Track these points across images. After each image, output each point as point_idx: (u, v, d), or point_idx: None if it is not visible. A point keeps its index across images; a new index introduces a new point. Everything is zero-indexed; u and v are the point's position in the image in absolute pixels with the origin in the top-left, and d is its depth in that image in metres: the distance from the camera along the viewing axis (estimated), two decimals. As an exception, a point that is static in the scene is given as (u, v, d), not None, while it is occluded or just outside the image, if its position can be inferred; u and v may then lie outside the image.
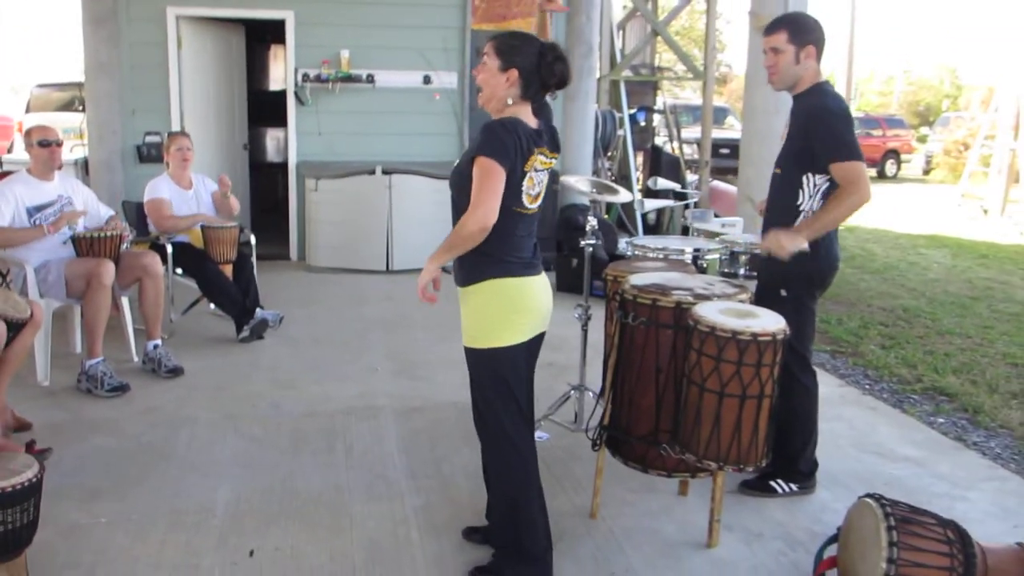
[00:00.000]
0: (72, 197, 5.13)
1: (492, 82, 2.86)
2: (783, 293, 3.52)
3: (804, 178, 3.43)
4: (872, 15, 67.37)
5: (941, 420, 4.90)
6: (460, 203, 2.85)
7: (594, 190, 4.26)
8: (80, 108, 13.52)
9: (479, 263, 2.86)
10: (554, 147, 2.98)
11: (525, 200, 2.86)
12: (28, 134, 4.99)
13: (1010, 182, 14.61)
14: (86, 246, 4.97)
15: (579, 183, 4.29)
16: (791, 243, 3.28)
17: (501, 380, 2.92)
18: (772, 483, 3.72)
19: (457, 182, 2.89)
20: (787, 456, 3.65)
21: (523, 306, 2.90)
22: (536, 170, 2.87)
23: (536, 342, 3.00)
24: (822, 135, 3.34)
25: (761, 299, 3.48)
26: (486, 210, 2.72)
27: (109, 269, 4.80)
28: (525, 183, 2.83)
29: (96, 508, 3.48)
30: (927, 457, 4.27)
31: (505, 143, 2.76)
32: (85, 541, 3.23)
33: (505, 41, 2.88)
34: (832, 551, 3.07)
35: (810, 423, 3.71)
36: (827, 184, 3.42)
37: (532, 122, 2.90)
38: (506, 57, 2.84)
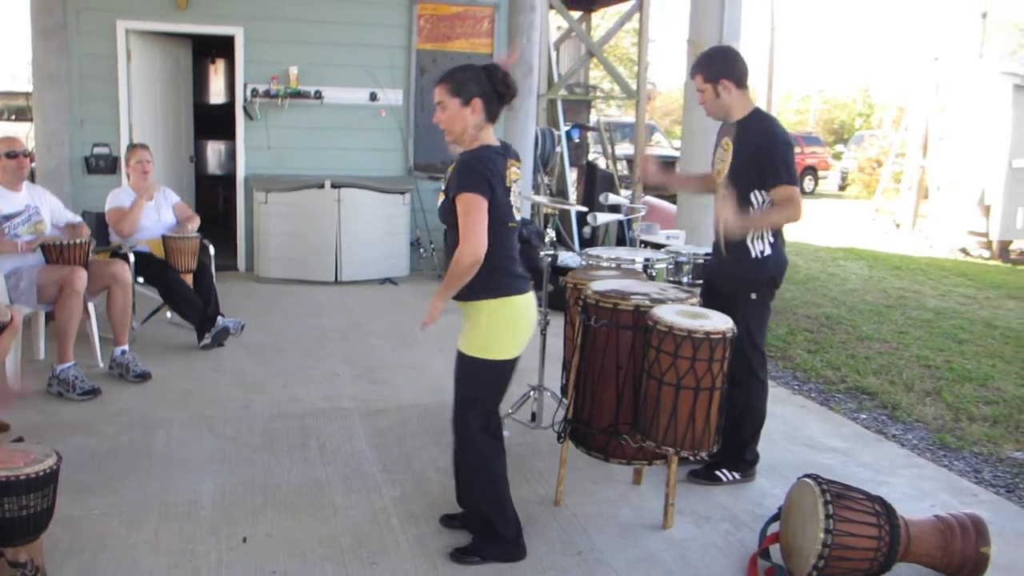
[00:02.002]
0: (39, 207, 5.28)
1: (459, 119, 3.10)
2: (753, 297, 3.90)
3: (752, 195, 3.81)
4: (789, 36, 69.45)
5: (864, 416, 5.35)
6: (451, 237, 3.12)
7: (548, 203, 4.59)
8: (11, 117, 13.42)
9: (493, 279, 3.11)
10: (516, 157, 3.27)
11: (515, 214, 3.18)
12: (-6, 146, 5.12)
13: (920, 198, 15.40)
14: (55, 253, 5.11)
15: (536, 197, 4.61)
16: (739, 227, 3.73)
17: (497, 389, 3.23)
18: (717, 472, 4.09)
19: (445, 219, 3.15)
20: (735, 446, 4.02)
21: (528, 322, 3.23)
22: (514, 182, 3.18)
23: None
24: (771, 159, 3.73)
25: (727, 303, 3.82)
26: (476, 242, 2.97)
27: (82, 276, 4.96)
28: (512, 198, 3.14)
29: (88, 501, 3.67)
30: (852, 448, 4.70)
31: (480, 173, 3.03)
32: (83, 531, 3.43)
33: (454, 78, 3.12)
34: (775, 528, 3.44)
35: (761, 416, 4.10)
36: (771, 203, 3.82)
37: (494, 141, 3.19)
38: (464, 91, 3.09)
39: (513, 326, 3.19)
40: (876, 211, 17.11)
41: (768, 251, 3.87)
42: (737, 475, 4.09)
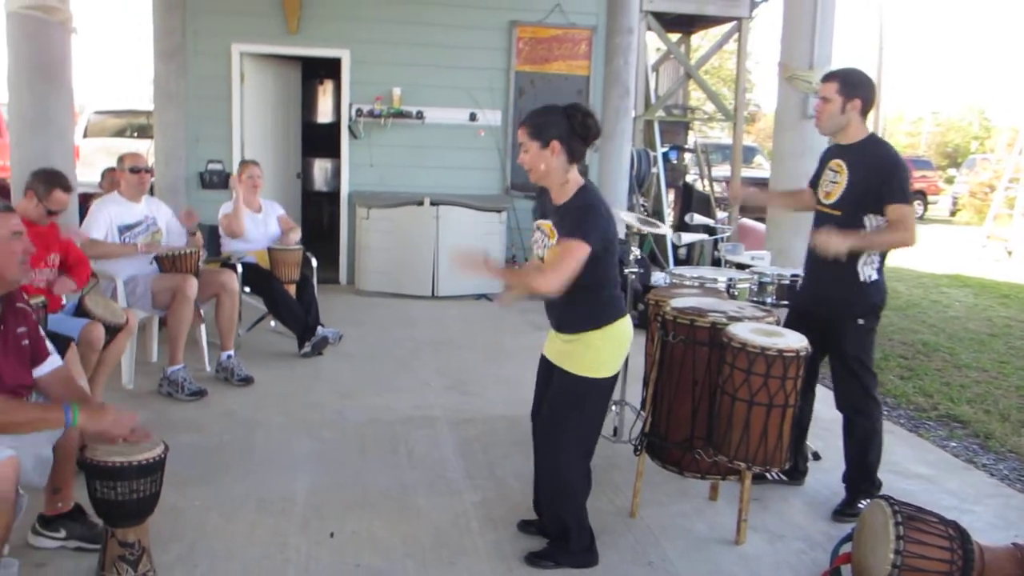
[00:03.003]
0: (156, 217, 5.64)
1: (541, 161, 3.20)
2: (860, 322, 3.93)
3: (866, 219, 3.83)
4: (900, 56, 67.79)
5: (953, 444, 5.27)
6: None
7: (638, 224, 4.70)
8: (133, 135, 14.17)
9: (609, 309, 3.31)
10: None
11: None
12: (121, 160, 5.51)
13: (1034, 225, 14.90)
14: (169, 263, 5.46)
15: (627, 217, 4.73)
16: (839, 244, 3.66)
17: (601, 406, 3.39)
18: (860, 505, 4.01)
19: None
20: (867, 470, 4.07)
21: (627, 341, 3.40)
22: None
23: None
24: (890, 180, 3.75)
25: (830, 328, 3.94)
26: (560, 281, 3.06)
27: (193, 284, 5.29)
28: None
29: (190, 493, 3.93)
30: (938, 475, 4.65)
31: (597, 224, 3.16)
32: (184, 520, 3.68)
33: (534, 122, 3.22)
34: (847, 548, 3.46)
35: (881, 436, 4.11)
36: (886, 224, 3.82)
37: (580, 180, 3.29)
38: (542, 134, 3.18)
39: (621, 345, 3.37)
40: (987, 237, 16.58)
41: (875, 277, 3.90)
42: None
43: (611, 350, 3.33)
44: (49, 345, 3.25)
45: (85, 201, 6.17)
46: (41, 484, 3.20)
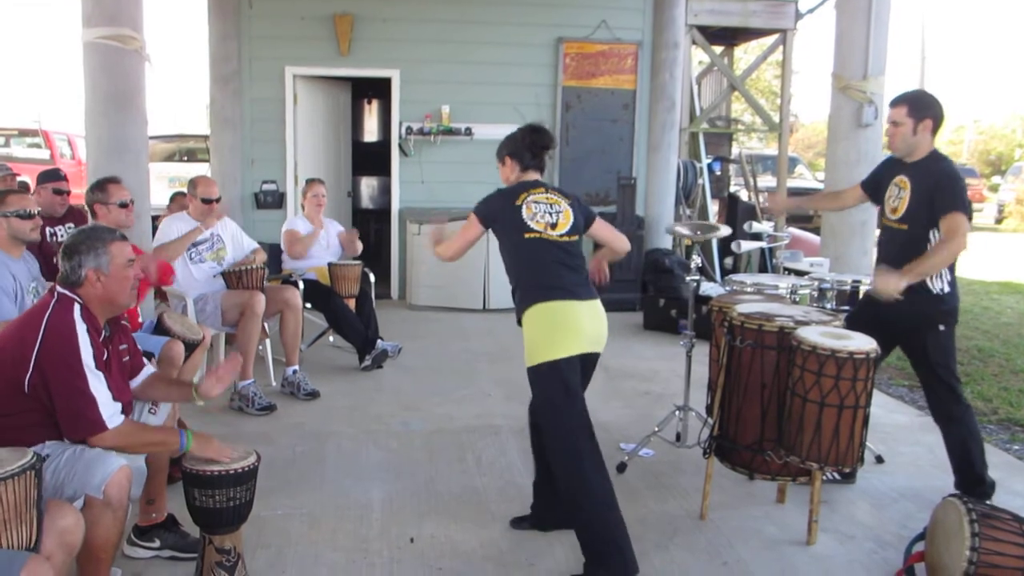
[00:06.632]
0: (222, 234, 5.82)
1: (503, 175, 3.81)
2: (941, 328, 4.02)
3: (931, 233, 3.90)
4: (941, 65, 67.20)
5: (1016, 447, 5.28)
6: None
7: (698, 231, 4.79)
8: (183, 159, 14.49)
9: (526, 295, 3.58)
10: (547, 187, 3.71)
11: (533, 225, 3.54)
12: (192, 185, 5.69)
13: (1084, 230, 14.71)
14: (235, 279, 5.62)
15: (680, 229, 4.82)
16: (896, 283, 3.71)
17: (555, 390, 3.55)
18: None
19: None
20: (976, 475, 4.11)
21: (566, 322, 3.51)
22: (536, 202, 3.59)
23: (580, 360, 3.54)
24: (947, 191, 3.85)
25: (907, 340, 4.08)
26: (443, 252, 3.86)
27: (261, 300, 5.44)
28: (524, 213, 3.55)
29: (271, 502, 4.04)
30: (1003, 477, 4.64)
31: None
32: (269, 528, 3.80)
33: (499, 145, 3.84)
34: (920, 547, 3.50)
35: (980, 438, 4.16)
36: (941, 237, 3.88)
37: (532, 178, 3.76)
38: (499, 154, 3.82)
39: (548, 329, 3.50)
40: (1035, 243, 16.41)
41: (948, 288, 3.98)
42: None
43: (534, 333, 3.51)
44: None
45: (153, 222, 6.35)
46: (137, 495, 3.33)
